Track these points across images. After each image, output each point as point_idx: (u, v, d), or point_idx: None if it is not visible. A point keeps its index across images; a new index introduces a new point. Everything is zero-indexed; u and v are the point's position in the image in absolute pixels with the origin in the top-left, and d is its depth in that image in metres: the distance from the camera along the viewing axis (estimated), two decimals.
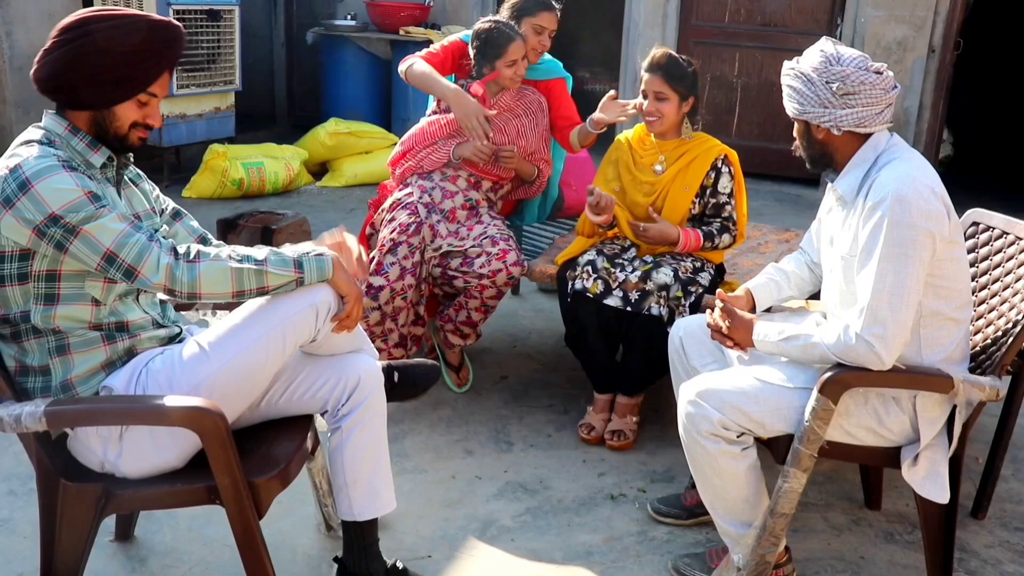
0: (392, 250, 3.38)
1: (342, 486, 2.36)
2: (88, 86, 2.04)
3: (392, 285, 3.35)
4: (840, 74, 2.27)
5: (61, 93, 2.06)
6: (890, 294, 2.18)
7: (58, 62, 2.03)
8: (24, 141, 2.05)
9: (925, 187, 2.21)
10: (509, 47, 3.48)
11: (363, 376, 2.33)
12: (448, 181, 3.61)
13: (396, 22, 7.69)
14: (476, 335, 3.63)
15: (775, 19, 7.35)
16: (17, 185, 1.93)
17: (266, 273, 2.10)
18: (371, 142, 7.15)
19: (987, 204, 3.13)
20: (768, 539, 2.37)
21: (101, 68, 2.03)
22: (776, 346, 2.38)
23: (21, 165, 1.95)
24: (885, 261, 2.19)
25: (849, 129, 2.31)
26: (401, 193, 3.58)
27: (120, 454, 2.09)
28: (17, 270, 2.00)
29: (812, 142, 2.41)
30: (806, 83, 2.33)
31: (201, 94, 6.78)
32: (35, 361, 2.08)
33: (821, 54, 2.33)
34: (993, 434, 2.94)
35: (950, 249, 2.27)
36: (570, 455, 3.25)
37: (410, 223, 3.43)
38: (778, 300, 2.76)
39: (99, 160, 2.09)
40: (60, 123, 2.08)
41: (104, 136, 2.10)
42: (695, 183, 3.24)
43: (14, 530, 2.67)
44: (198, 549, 2.64)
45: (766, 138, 7.45)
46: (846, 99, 2.28)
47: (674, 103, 3.20)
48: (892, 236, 2.18)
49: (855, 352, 2.21)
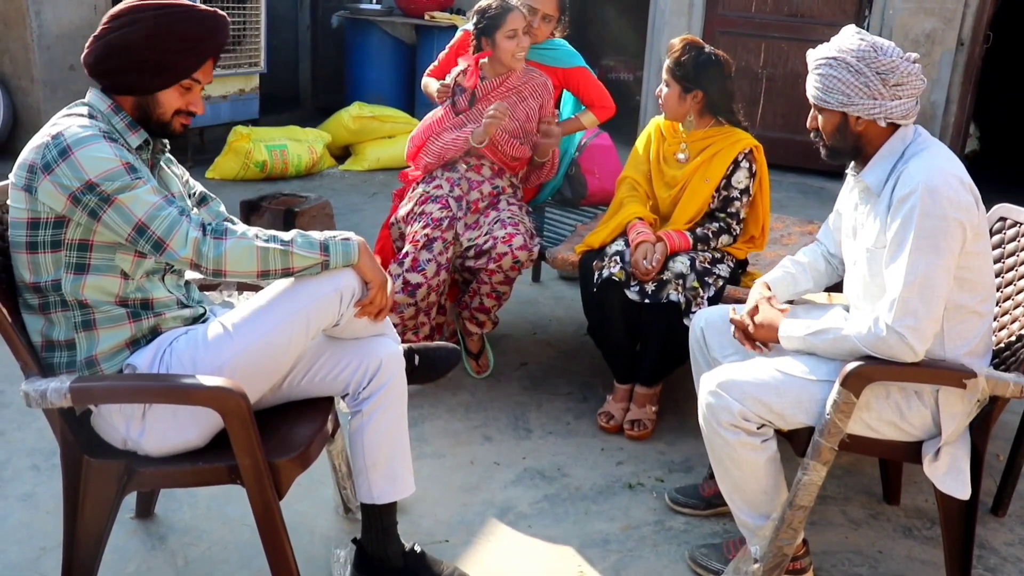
0: (427, 246, 3.36)
1: (362, 469, 2.37)
2: (133, 72, 2.09)
3: (429, 282, 3.36)
4: (889, 65, 2.24)
5: (107, 77, 2.11)
6: (921, 285, 2.17)
7: (106, 47, 2.08)
8: (67, 113, 2.10)
9: (954, 177, 2.20)
10: (507, 17, 3.43)
11: (385, 360, 2.34)
12: (473, 171, 3.60)
13: (421, 6, 7.68)
14: (492, 322, 3.63)
15: (802, 10, 7.29)
16: (58, 151, 1.96)
17: (292, 254, 2.11)
18: (394, 126, 7.15)
19: (1014, 199, 3.10)
20: (786, 531, 2.36)
21: (146, 55, 2.07)
22: (803, 341, 2.35)
23: (63, 132, 1.99)
24: (917, 253, 2.17)
25: (893, 121, 2.29)
26: (430, 186, 3.55)
27: (143, 432, 2.10)
28: (51, 237, 2.03)
29: (847, 134, 2.37)
30: (854, 74, 2.27)
31: (226, 75, 6.80)
32: (61, 335, 2.10)
33: (862, 42, 2.28)
34: (1015, 431, 2.92)
35: (976, 242, 2.25)
36: (588, 443, 3.25)
37: (443, 218, 3.41)
38: (795, 293, 2.75)
39: (136, 142, 2.13)
40: (104, 100, 2.12)
41: (147, 121, 2.15)
42: (716, 176, 3.21)
43: (37, 505, 2.70)
44: (217, 528, 2.66)
45: (791, 129, 7.40)
46: (895, 90, 2.25)
47: (674, 92, 3.18)
48: (923, 227, 2.17)
49: (886, 344, 2.20)
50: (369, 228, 5.21)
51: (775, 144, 7.05)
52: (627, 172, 3.42)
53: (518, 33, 3.45)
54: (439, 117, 3.64)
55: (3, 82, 6.44)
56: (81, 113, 2.09)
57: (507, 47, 3.46)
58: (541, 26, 3.67)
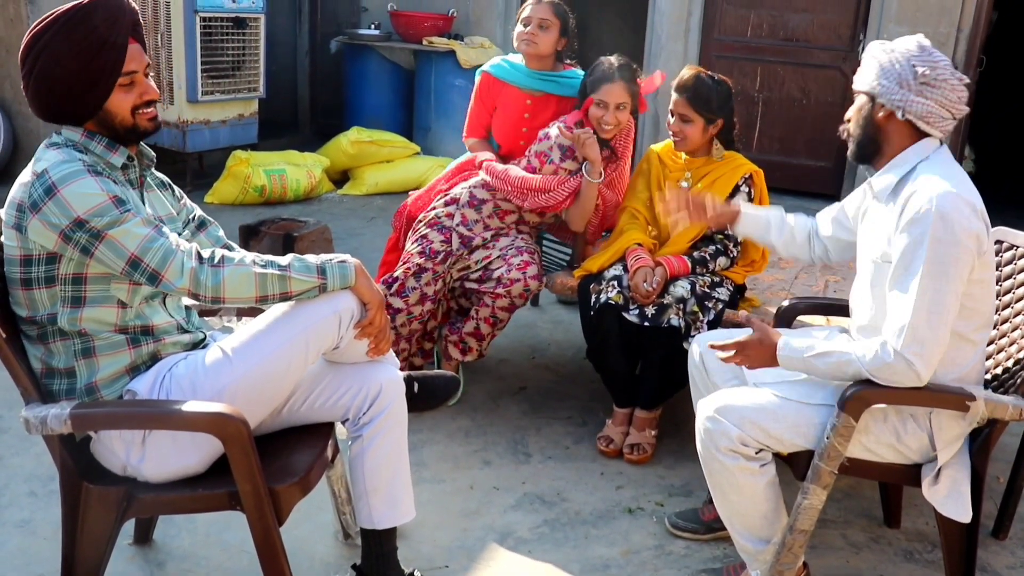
0: (416, 275, 3.38)
1: (362, 494, 2.36)
2: (70, 99, 2.05)
3: (410, 309, 3.38)
4: (929, 61, 2.26)
5: (58, 114, 2.08)
6: (928, 312, 2.16)
7: (35, 91, 2.06)
8: (50, 143, 2.09)
9: (966, 204, 2.19)
10: (603, 85, 3.32)
11: (385, 385, 2.34)
12: (496, 217, 3.51)
13: (420, 32, 7.72)
14: (478, 352, 3.53)
15: (797, 34, 7.33)
16: (44, 190, 1.96)
17: (289, 278, 2.11)
18: (392, 151, 7.18)
19: (1009, 220, 3.11)
20: (787, 555, 2.36)
21: (69, 78, 2.02)
22: (803, 362, 2.33)
23: (48, 170, 1.98)
24: (927, 279, 2.16)
25: (911, 118, 2.29)
26: (442, 210, 3.49)
27: (143, 458, 2.10)
28: (45, 273, 2.03)
29: (869, 122, 2.37)
30: (893, 60, 2.30)
31: (225, 100, 6.82)
32: (61, 363, 2.10)
33: (918, 43, 2.32)
34: (1015, 454, 2.92)
35: (983, 270, 2.25)
36: (588, 467, 3.24)
37: (441, 251, 3.41)
38: (759, 236, 2.85)
39: (119, 160, 2.11)
40: (76, 131, 2.10)
41: (116, 134, 2.11)
42: None
43: (35, 531, 2.69)
44: (216, 554, 2.65)
45: (787, 153, 7.42)
46: (924, 88, 2.26)
47: (698, 126, 3.20)
48: (934, 254, 2.16)
49: (892, 370, 2.19)
50: (368, 252, 5.22)
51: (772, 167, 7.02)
52: (627, 202, 3.43)
53: (608, 107, 3.32)
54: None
55: (3, 107, 6.47)
56: (60, 144, 2.07)
57: (593, 114, 3.35)
58: (540, 35, 3.55)
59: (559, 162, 3.41)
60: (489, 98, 3.72)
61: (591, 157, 3.32)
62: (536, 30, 3.55)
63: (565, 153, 3.40)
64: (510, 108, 3.68)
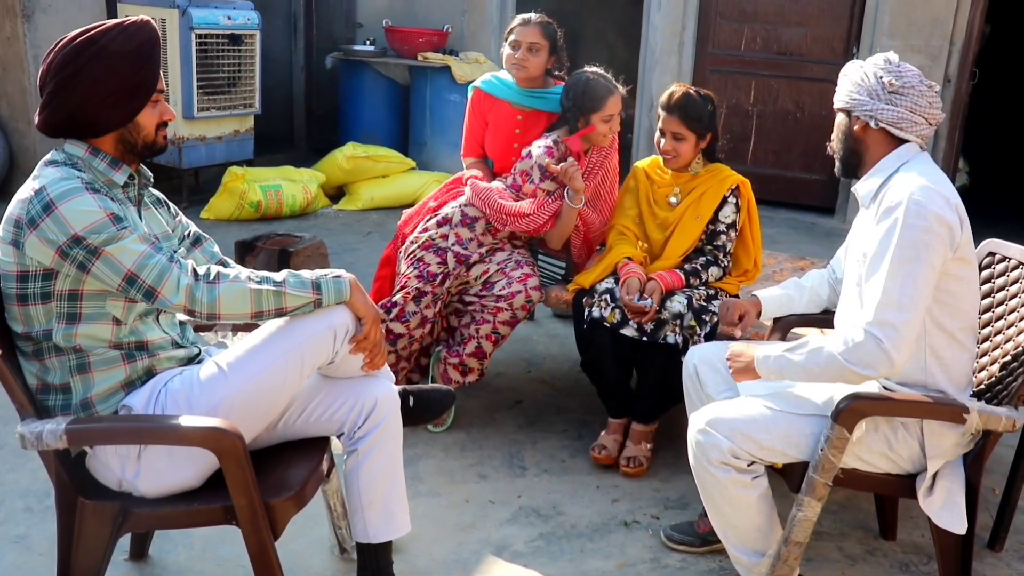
0: (416, 299, 3.40)
1: (357, 508, 2.37)
2: (109, 108, 2.08)
3: (412, 333, 3.43)
4: (895, 72, 2.35)
5: (82, 127, 2.09)
6: (899, 293, 2.18)
7: (72, 99, 2.05)
8: (48, 161, 2.09)
9: (940, 196, 2.24)
10: (608, 100, 3.37)
11: (380, 399, 2.34)
12: (488, 234, 3.52)
13: (415, 48, 7.75)
14: (479, 372, 3.51)
15: (791, 48, 7.37)
16: (42, 206, 1.97)
17: (284, 294, 2.12)
18: (388, 166, 7.19)
19: (1003, 232, 3.13)
20: (782, 567, 2.36)
21: (116, 85, 2.07)
22: (778, 361, 2.34)
23: (46, 187, 1.99)
24: (896, 263, 2.20)
25: (885, 126, 2.35)
26: (436, 232, 3.48)
27: (138, 473, 2.10)
28: (40, 289, 2.03)
29: (848, 135, 2.44)
30: (863, 75, 2.39)
31: (221, 117, 6.84)
32: (56, 379, 2.10)
33: (885, 58, 2.41)
34: (1010, 465, 2.93)
35: (960, 266, 2.28)
36: (584, 481, 3.25)
37: (438, 273, 3.42)
38: (786, 312, 2.83)
39: (121, 178, 2.13)
40: (80, 146, 2.11)
41: (133, 149, 2.14)
42: (707, 213, 3.27)
43: (30, 547, 2.69)
44: (212, 569, 2.65)
45: (781, 166, 7.45)
46: (892, 96, 2.33)
47: (691, 142, 3.22)
48: (904, 238, 2.20)
49: (862, 350, 2.19)
50: (363, 267, 5.22)
51: (766, 180, 7.10)
52: (615, 221, 3.45)
53: (614, 117, 3.40)
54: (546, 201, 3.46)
55: (1, 125, 6.48)
56: (60, 162, 2.08)
57: (602, 130, 3.40)
58: (530, 58, 3.56)
59: (538, 182, 3.43)
60: (482, 113, 3.74)
61: (577, 187, 3.37)
62: (526, 54, 3.57)
63: (544, 173, 3.43)
64: (501, 124, 3.70)
